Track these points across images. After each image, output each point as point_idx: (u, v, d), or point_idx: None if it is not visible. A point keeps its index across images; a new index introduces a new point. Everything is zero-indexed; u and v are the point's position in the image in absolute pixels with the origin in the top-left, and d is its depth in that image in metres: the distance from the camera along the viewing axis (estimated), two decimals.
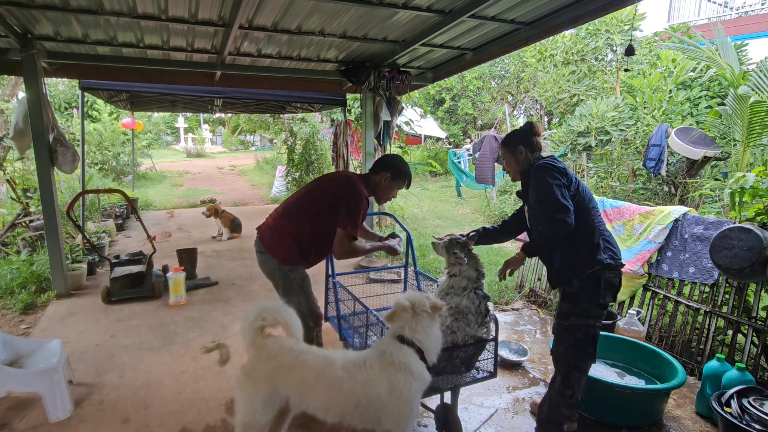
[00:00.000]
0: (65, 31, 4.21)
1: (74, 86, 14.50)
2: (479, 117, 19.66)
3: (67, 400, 2.73)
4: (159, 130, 19.39)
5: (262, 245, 2.70)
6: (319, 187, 2.75)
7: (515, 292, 4.90)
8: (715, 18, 11.15)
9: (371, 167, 2.81)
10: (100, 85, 6.07)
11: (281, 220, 2.71)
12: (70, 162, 4.68)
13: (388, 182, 2.72)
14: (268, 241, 2.68)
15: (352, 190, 2.62)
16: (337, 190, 2.66)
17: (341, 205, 2.58)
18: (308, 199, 2.72)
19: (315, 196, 2.71)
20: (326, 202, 2.63)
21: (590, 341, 2.33)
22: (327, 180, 2.80)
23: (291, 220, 2.68)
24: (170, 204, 11.29)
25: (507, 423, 2.75)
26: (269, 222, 2.77)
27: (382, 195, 2.78)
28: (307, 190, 2.78)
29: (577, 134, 7.43)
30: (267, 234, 2.71)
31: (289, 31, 4.29)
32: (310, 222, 2.63)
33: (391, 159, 2.78)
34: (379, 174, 2.72)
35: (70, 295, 4.75)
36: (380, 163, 2.78)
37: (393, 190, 2.78)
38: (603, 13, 3.65)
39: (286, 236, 2.64)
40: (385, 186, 2.74)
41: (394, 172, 2.71)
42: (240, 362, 3.37)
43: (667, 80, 6.88)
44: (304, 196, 2.75)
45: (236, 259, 6.26)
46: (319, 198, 2.68)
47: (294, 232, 2.64)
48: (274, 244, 2.65)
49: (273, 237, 2.68)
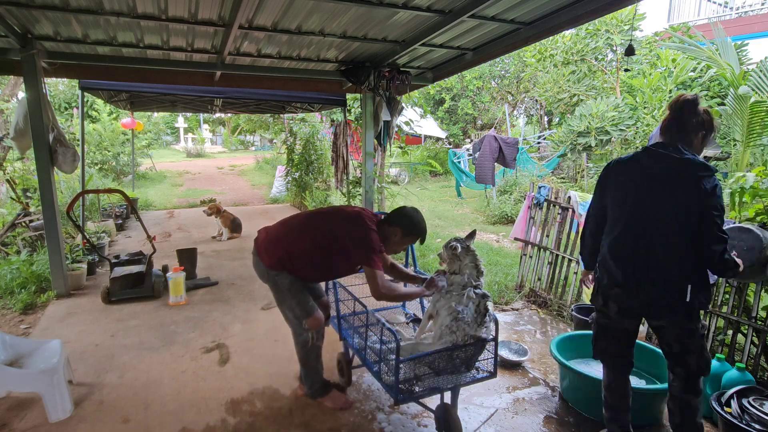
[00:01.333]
0: (65, 31, 4.21)
1: (74, 86, 14.50)
2: (479, 117, 19.67)
3: (67, 400, 2.72)
4: (159, 130, 19.41)
5: (255, 248, 2.72)
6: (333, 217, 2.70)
7: (515, 292, 4.90)
8: (715, 18, 11.14)
9: (389, 215, 2.70)
10: (100, 85, 6.07)
11: (282, 230, 2.71)
12: (70, 162, 4.68)
13: (399, 237, 2.65)
14: (261, 244, 2.69)
15: (362, 227, 2.55)
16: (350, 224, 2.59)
17: (354, 244, 2.52)
18: (318, 221, 2.72)
19: (326, 221, 2.69)
20: (335, 230, 2.60)
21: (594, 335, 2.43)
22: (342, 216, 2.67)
23: (292, 231, 2.67)
24: (170, 204, 11.30)
25: (507, 423, 2.75)
26: (270, 227, 2.78)
27: (390, 248, 2.71)
28: (319, 213, 2.81)
29: (577, 134, 7.44)
30: (263, 236, 2.72)
31: (289, 31, 4.29)
32: (311, 241, 2.60)
33: (406, 215, 2.66)
34: (393, 227, 2.64)
35: (70, 295, 4.75)
36: (395, 216, 2.67)
37: (404, 244, 2.72)
38: (603, 13, 3.66)
39: (279, 244, 2.63)
40: (395, 240, 2.67)
41: (405, 229, 2.63)
42: (240, 362, 3.39)
43: (667, 80, 6.89)
44: (314, 217, 2.76)
45: (236, 259, 6.26)
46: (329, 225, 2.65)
47: (290, 242, 2.62)
48: (265, 248, 2.65)
49: (268, 240, 2.68)
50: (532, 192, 4.97)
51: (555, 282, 4.58)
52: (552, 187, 4.80)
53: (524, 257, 4.96)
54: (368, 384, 3.12)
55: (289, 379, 3.15)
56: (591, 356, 3.23)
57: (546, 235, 4.72)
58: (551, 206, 4.69)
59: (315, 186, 10.09)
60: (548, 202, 4.72)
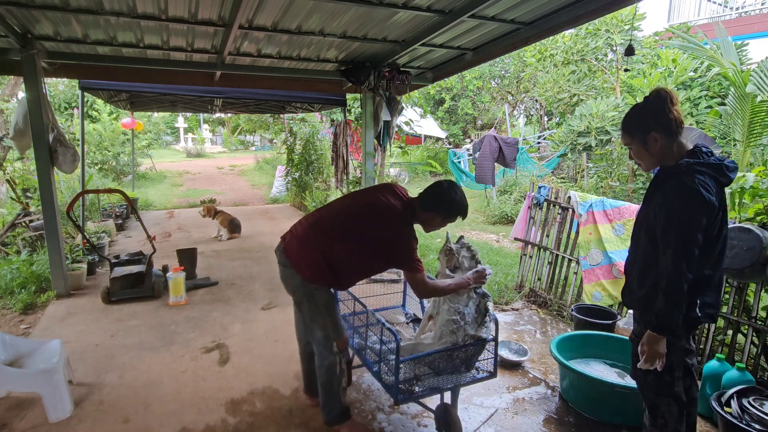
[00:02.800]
0: (65, 31, 4.21)
1: (74, 86, 14.50)
2: (479, 117, 19.67)
3: (66, 400, 2.72)
4: (159, 130, 19.39)
5: (287, 259, 2.42)
6: (363, 212, 2.43)
7: (515, 292, 4.90)
8: (716, 18, 11.14)
9: (422, 198, 2.44)
10: (100, 85, 6.07)
11: (312, 235, 2.43)
12: (70, 162, 4.68)
13: (438, 221, 2.45)
14: (295, 255, 2.41)
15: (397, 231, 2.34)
16: (379, 226, 2.36)
17: (389, 246, 2.35)
18: (348, 222, 2.44)
19: (357, 221, 2.42)
20: (366, 235, 2.37)
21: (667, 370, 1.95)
22: (372, 207, 2.43)
23: (324, 236, 2.41)
24: (170, 204, 11.30)
25: (507, 423, 2.75)
26: (298, 233, 2.49)
27: (429, 229, 2.54)
28: (346, 209, 2.51)
29: (577, 134, 7.44)
30: (294, 247, 2.44)
31: (289, 31, 4.29)
32: (346, 247, 2.38)
33: (444, 195, 2.40)
34: (429, 213, 2.42)
35: (70, 295, 4.75)
36: (431, 200, 2.41)
37: (444, 224, 2.51)
38: (603, 13, 3.65)
39: (315, 253, 2.38)
40: (434, 224, 2.47)
41: (445, 212, 2.41)
42: (240, 362, 3.39)
43: (667, 80, 6.88)
44: (342, 215, 2.48)
45: (236, 259, 6.26)
46: (362, 226, 2.39)
47: (325, 250, 2.37)
48: (301, 260, 2.39)
49: (300, 251, 2.41)
50: (532, 192, 4.97)
51: (555, 282, 4.58)
52: (552, 187, 4.80)
53: (524, 257, 4.96)
54: (368, 384, 3.12)
55: (289, 379, 3.15)
56: (590, 356, 3.25)
57: (546, 235, 4.72)
58: (551, 206, 4.69)
59: (315, 186, 10.08)
60: (548, 202, 4.72)
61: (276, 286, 4.84)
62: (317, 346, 2.50)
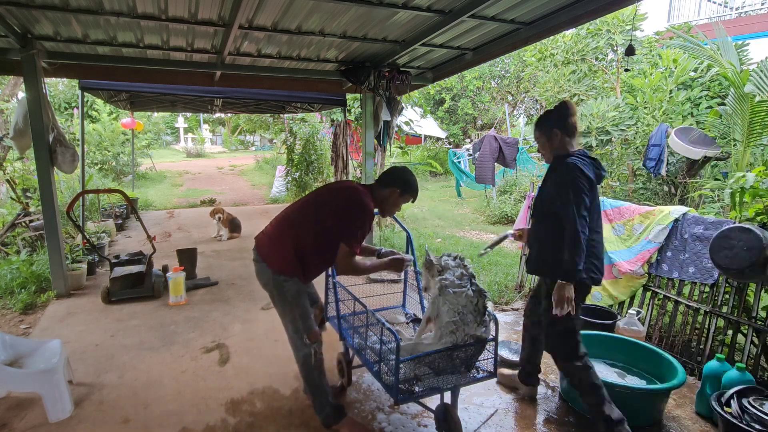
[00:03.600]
0: (65, 31, 4.20)
1: (74, 86, 14.49)
2: (479, 117, 19.67)
3: (66, 400, 2.72)
4: (159, 130, 19.40)
5: (259, 254, 2.56)
6: (324, 198, 2.59)
7: (515, 292, 4.90)
8: (716, 18, 11.14)
9: (378, 179, 2.67)
10: (100, 85, 6.07)
11: (281, 228, 2.58)
12: (69, 162, 4.67)
13: (396, 197, 2.61)
14: (266, 249, 2.55)
15: (358, 205, 2.47)
16: (342, 202, 2.50)
17: (346, 219, 2.45)
18: (312, 210, 2.58)
19: (319, 206, 2.56)
20: (331, 214, 2.49)
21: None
22: (332, 190, 2.62)
23: (292, 228, 2.55)
24: (170, 204, 11.29)
25: (507, 423, 2.75)
26: (267, 230, 2.65)
27: (389, 209, 2.68)
28: (310, 200, 2.65)
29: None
30: (265, 242, 2.59)
31: (289, 31, 4.28)
32: (313, 234, 2.50)
33: (400, 173, 2.64)
34: (388, 189, 2.60)
35: (69, 295, 4.74)
36: (388, 177, 2.64)
37: (400, 204, 2.69)
38: (603, 12, 3.65)
39: (285, 245, 2.50)
40: (392, 201, 2.63)
41: (402, 187, 2.60)
42: (240, 362, 3.39)
43: (668, 80, 6.88)
44: (307, 206, 2.62)
45: (236, 259, 6.26)
46: (324, 209, 2.53)
47: (295, 241, 2.50)
48: (272, 253, 2.52)
49: (271, 245, 2.55)
50: (532, 192, 4.97)
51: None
52: None
53: (524, 257, 4.95)
54: (368, 384, 3.12)
55: (289, 379, 3.15)
56: (591, 356, 3.24)
57: None
58: None
59: (315, 186, 10.08)
60: None
61: None
62: (290, 340, 2.58)
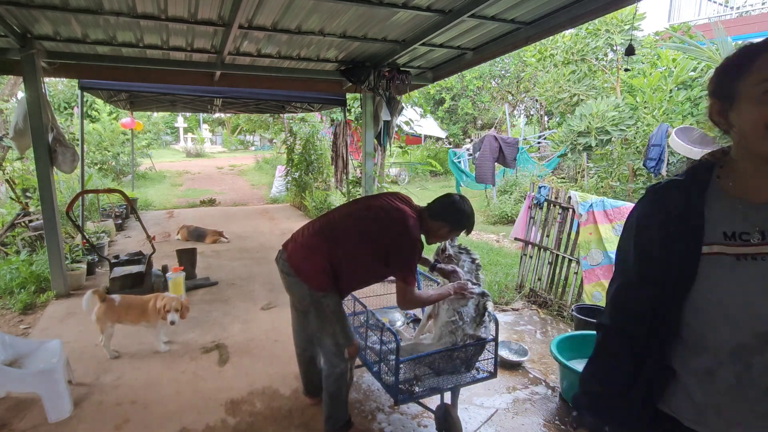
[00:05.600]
0: (65, 30, 4.20)
1: (74, 86, 14.48)
2: (479, 117, 19.67)
3: (66, 401, 2.72)
4: (158, 130, 19.40)
5: (291, 267, 2.37)
6: (370, 217, 2.39)
7: (515, 293, 4.90)
8: (716, 18, 11.14)
9: (429, 207, 2.42)
10: (100, 84, 6.06)
11: (318, 241, 2.39)
12: (69, 162, 4.67)
13: (445, 232, 2.42)
14: (299, 262, 2.36)
15: (406, 235, 2.28)
16: (389, 228, 2.31)
17: (394, 250, 2.29)
18: (355, 224, 2.41)
19: (365, 222, 2.39)
20: (374, 237, 2.33)
21: None
22: (380, 210, 2.39)
23: (331, 242, 2.36)
24: (170, 204, 11.29)
25: (507, 423, 2.75)
26: (301, 240, 2.44)
27: (433, 240, 2.52)
28: (355, 212, 2.48)
29: (577, 134, 7.43)
30: (298, 254, 2.39)
31: (288, 31, 4.28)
32: (351, 251, 2.35)
33: (455, 209, 2.37)
34: (437, 222, 2.38)
35: (69, 295, 4.74)
36: (442, 208, 2.39)
37: (450, 237, 2.51)
38: (603, 12, 3.64)
39: (322, 259, 2.33)
40: (440, 234, 2.44)
41: (452, 225, 2.39)
42: (239, 362, 3.38)
43: (668, 80, 6.88)
44: (350, 218, 2.44)
45: (236, 259, 6.25)
46: (368, 230, 2.36)
47: (329, 253, 2.34)
48: (308, 267, 2.34)
49: (306, 258, 2.36)
50: (532, 192, 4.97)
51: (555, 282, 4.58)
52: (552, 187, 4.79)
53: (524, 257, 4.95)
54: (368, 384, 3.12)
55: (289, 380, 3.14)
56: (590, 356, 3.22)
57: (546, 235, 4.71)
58: (551, 206, 4.68)
59: (315, 186, 10.08)
60: (548, 202, 4.71)
61: (276, 287, 4.83)
62: (326, 354, 2.42)
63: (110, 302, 3.41)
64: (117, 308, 3.41)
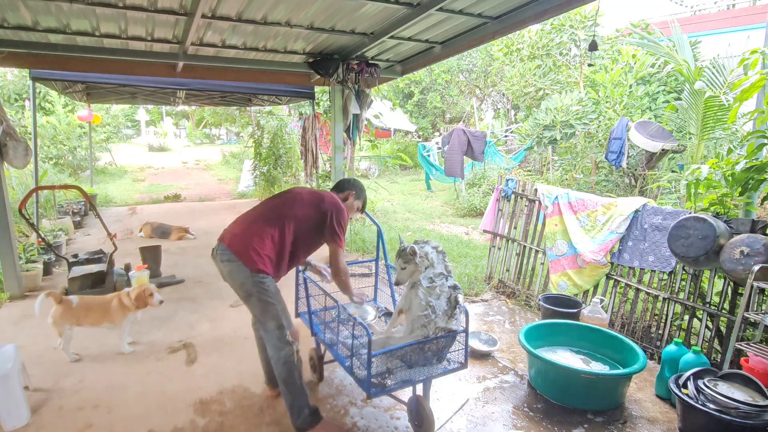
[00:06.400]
0: (12, 17, 3.95)
1: (25, 76, 13.72)
2: (448, 110, 19.84)
3: (22, 408, 2.60)
4: (118, 123, 18.61)
5: (232, 252, 2.45)
6: (301, 197, 2.67)
7: (484, 284, 4.99)
8: (673, 16, 11.59)
9: (335, 187, 2.93)
10: (53, 75, 5.77)
11: (258, 227, 2.53)
12: (21, 156, 4.47)
13: (351, 200, 2.85)
14: (242, 248, 2.45)
15: (337, 204, 2.65)
16: (319, 201, 2.63)
17: (329, 217, 2.59)
18: (290, 207, 2.61)
19: (299, 204, 2.62)
20: (313, 211, 2.60)
21: None
22: (309, 192, 2.72)
23: (271, 225, 2.52)
24: (132, 200, 10.90)
25: (478, 412, 2.80)
26: (238, 229, 2.56)
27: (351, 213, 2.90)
28: (286, 199, 2.68)
29: (543, 127, 7.59)
30: (240, 240, 2.49)
31: (254, 22, 4.17)
32: (295, 229, 2.55)
33: (351, 181, 2.94)
34: (344, 192, 2.85)
35: (24, 296, 4.52)
36: (342, 185, 2.92)
37: (354, 209, 2.90)
38: (568, 8, 3.72)
39: (264, 243, 2.46)
40: (354, 206, 2.88)
41: (355, 190, 2.87)
42: (208, 361, 3.31)
43: (628, 75, 7.11)
44: (285, 204, 2.64)
45: (203, 256, 6.10)
46: (305, 206, 2.61)
47: (277, 236, 2.50)
48: (250, 251, 2.43)
49: (248, 243, 2.45)
50: (500, 185, 5.06)
51: (523, 273, 4.69)
52: (519, 179, 4.89)
53: (493, 249, 5.04)
54: (340, 379, 3.12)
55: (260, 377, 3.09)
56: (557, 344, 3.35)
57: (514, 227, 4.81)
58: (519, 198, 4.78)
59: (284, 180, 9.94)
60: (516, 194, 4.81)
61: None
62: (270, 339, 2.48)
63: (67, 304, 3.26)
64: (75, 310, 3.27)
